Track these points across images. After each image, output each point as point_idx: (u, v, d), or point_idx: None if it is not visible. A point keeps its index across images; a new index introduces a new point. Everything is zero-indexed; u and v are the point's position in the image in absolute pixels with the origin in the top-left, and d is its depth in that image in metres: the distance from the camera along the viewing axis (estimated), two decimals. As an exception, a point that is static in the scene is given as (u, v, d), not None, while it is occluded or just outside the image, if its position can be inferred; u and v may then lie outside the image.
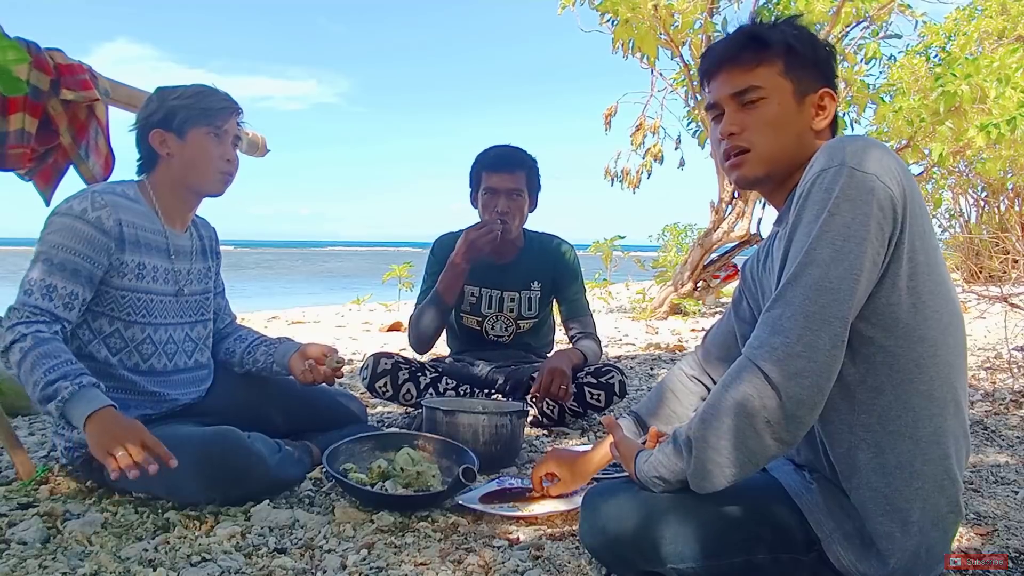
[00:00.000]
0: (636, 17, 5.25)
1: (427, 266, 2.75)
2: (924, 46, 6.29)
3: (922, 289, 1.08)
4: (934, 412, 1.10)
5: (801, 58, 1.22)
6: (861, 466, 1.13)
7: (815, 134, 1.23)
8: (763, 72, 1.22)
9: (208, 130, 1.83)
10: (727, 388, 1.09)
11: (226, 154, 1.87)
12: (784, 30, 1.24)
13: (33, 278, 1.67)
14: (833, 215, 1.04)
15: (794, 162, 1.22)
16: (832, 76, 1.26)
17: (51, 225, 1.71)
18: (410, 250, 49.32)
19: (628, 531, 1.22)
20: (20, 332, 1.61)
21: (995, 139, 4.40)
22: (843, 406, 1.12)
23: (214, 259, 2.07)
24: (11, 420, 2.20)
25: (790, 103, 1.21)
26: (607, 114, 6.88)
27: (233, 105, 1.89)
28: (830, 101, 1.24)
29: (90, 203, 1.70)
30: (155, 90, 1.89)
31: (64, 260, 1.67)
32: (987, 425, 2.59)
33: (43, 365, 1.56)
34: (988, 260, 4.80)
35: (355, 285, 12.78)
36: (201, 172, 1.85)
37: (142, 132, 1.85)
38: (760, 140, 1.22)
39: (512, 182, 2.53)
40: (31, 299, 1.65)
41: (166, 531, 1.59)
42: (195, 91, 1.85)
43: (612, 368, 2.56)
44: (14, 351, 1.60)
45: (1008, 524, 1.66)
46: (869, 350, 1.09)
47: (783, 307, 1.06)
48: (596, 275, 8.49)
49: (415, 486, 1.79)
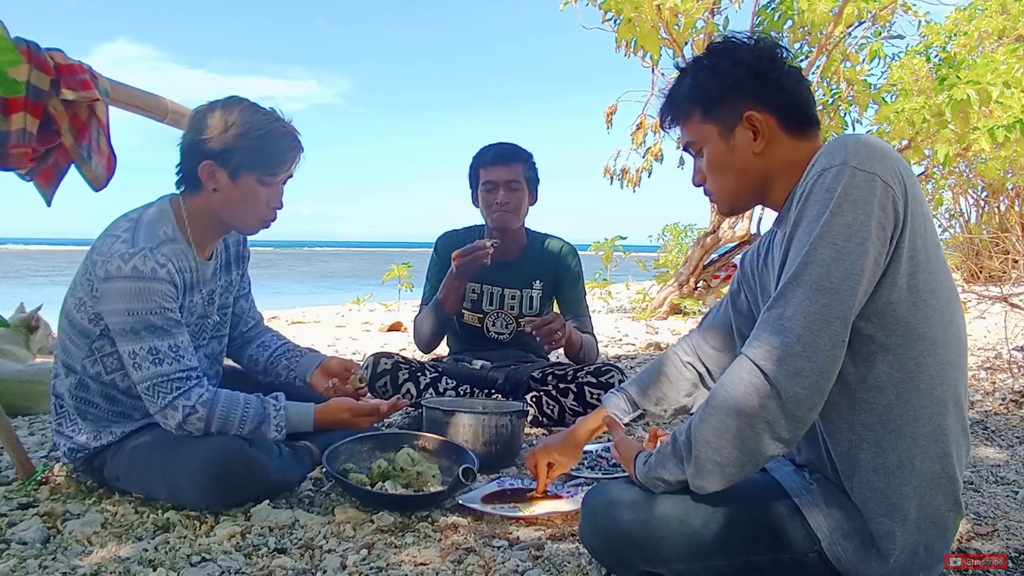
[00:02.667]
0: (639, 16, 5.25)
1: (430, 264, 2.77)
2: (925, 46, 6.29)
3: (922, 287, 1.08)
4: (934, 411, 1.10)
5: (712, 97, 1.24)
6: (862, 465, 1.13)
7: (763, 156, 1.22)
8: (690, 126, 1.28)
9: (263, 178, 1.74)
10: (726, 387, 1.08)
11: (273, 201, 1.80)
12: (693, 76, 1.27)
13: (155, 346, 1.64)
14: (835, 215, 1.04)
15: (762, 185, 1.24)
16: (755, 88, 1.21)
17: (127, 293, 1.63)
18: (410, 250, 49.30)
19: (628, 531, 1.21)
20: (185, 405, 1.65)
21: (1000, 142, 4.40)
22: (843, 405, 1.12)
23: (240, 265, 2.03)
24: (11, 420, 2.20)
25: (720, 145, 1.24)
26: (608, 112, 6.88)
27: (297, 150, 1.79)
28: (759, 119, 1.21)
29: (155, 262, 1.64)
30: (216, 108, 1.73)
31: (166, 320, 1.66)
32: (987, 425, 2.59)
33: (234, 419, 1.70)
34: (988, 260, 4.80)
35: (355, 285, 12.78)
36: (242, 215, 1.79)
37: (192, 155, 1.73)
38: (714, 185, 1.28)
39: (509, 174, 2.56)
40: (166, 368, 1.65)
41: (166, 531, 1.59)
42: (261, 132, 1.72)
43: (612, 367, 2.56)
44: (192, 422, 1.66)
45: (1008, 524, 1.66)
46: (869, 349, 1.09)
47: (783, 306, 1.06)
48: (596, 275, 8.48)
49: (415, 486, 1.79)
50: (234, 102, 1.74)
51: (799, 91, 1.23)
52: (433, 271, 2.74)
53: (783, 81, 1.22)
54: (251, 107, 1.74)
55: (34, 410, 2.72)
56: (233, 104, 1.73)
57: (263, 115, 1.74)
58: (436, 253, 2.76)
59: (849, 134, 1.14)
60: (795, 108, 1.22)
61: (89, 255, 1.72)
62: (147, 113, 2.43)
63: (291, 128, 1.78)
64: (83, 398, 1.76)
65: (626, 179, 7.18)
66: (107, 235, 1.71)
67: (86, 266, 1.72)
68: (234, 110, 1.72)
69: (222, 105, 1.73)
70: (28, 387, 2.75)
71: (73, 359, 1.75)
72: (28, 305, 3.70)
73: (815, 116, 1.25)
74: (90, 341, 1.73)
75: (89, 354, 1.73)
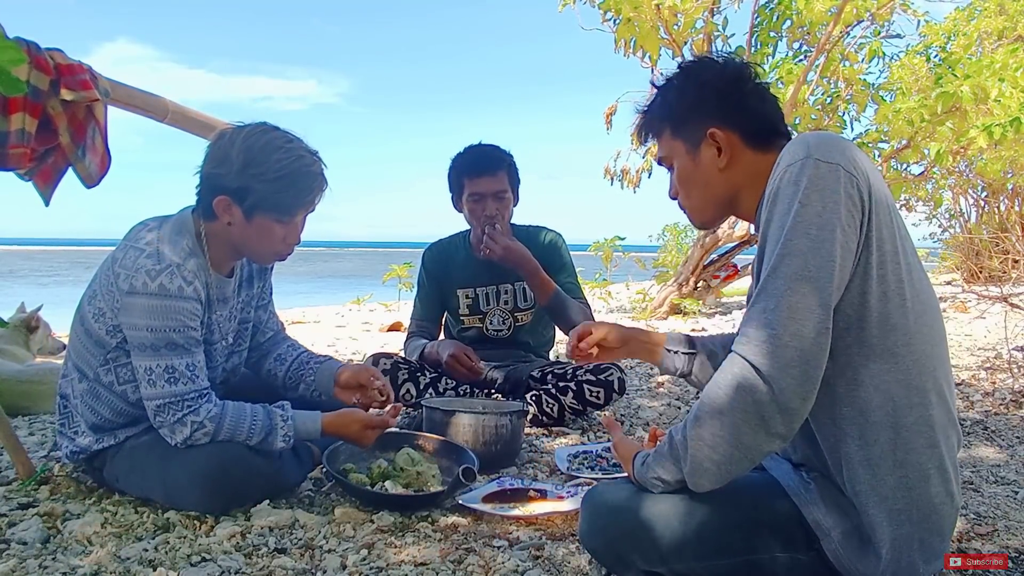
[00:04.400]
0: (639, 16, 5.25)
1: (418, 279, 2.79)
2: (924, 46, 6.29)
3: (891, 277, 1.10)
4: (915, 401, 1.11)
5: (678, 115, 1.29)
6: (848, 458, 1.13)
7: (727, 170, 1.26)
8: (662, 141, 1.34)
9: (280, 218, 1.70)
10: (719, 385, 1.09)
11: (291, 238, 1.75)
12: (664, 94, 1.32)
13: (172, 365, 1.64)
14: (804, 205, 1.06)
15: (729, 198, 1.29)
16: (718, 107, 1.25)
17: (151, 310, 1.61)
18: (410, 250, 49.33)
19: (628, 531, 1.22)
20: (194, 421, 1.64)
21: (997, 140, 4.40)
22: (824, 400, 1.12)
23: (262, 277, 2.00)
24: (11, 420, 2.20)
25: (687, 160, 1.30)
26: (608, 113, 6.88)
27: (318, 190, 1.72)
28: (721, 136, 1.25)
29: (182, 279, 1.63)
30: (238, 140, 1.65)
31: (187, 339, 1.65)
32: (987, 425, 2.59)
33: (241, 431, 1.69)
34: (988, 260, 4.81)
35: (355, 285, 12.78)
36: (255, 251, 1.76)
37: (208, 187, 1.69)
38: (684, 199, 1.35)
39: (496, 184, 2.53)
40: (180, 388, 1.64)
41: (166, 531, 1.59)
42: (281, 174, 1.64)
43: (611, 365, 2.55)
44: (198, 437, 1.66)
45: (1008, 524, 1.66)
46: (845, 341, 1.10)
47: (766, 300, 1.07)
48: (596, 275, 8.47)
49: (415, 486, 1.79)
50: (258, 133, 1.67)
51: (763, 109, 1.28)
52: (423, 289, 2.75)
53: (746, 100, 1.27)
54: (274, 142, 1.66)
55: (34, 410, 2.72)
56: (257, 137, 1.66)
57: (285, 152, 1.66)
58: (424, 268, 2.76)
59: (809, 132, 1.17)
60: (759, 124, 1.27)
61: (111, 266, 1.68)
62: (147, 113, 2.43)
63: (316, 165, 1.71)
64: (92, 405, 1.75)
65: (626, 180, 7.18)
66: (130, 247, 1.67)
67: (108, 277, 1.68)
68: (256, 145, 1.65)
69: (245, 137, 1.66)
70: (28, 387, 2.75)
71: (87, 365, 1.74)
72: (28, 305, 3.71)
73: (782, 129, 1.29)
74: (105, 351, 1.71)
75: (104, 363, 1.72)
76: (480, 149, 2.60)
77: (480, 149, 2.60)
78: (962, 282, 5.91)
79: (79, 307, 1.77)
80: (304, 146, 1.71)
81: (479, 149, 2.60)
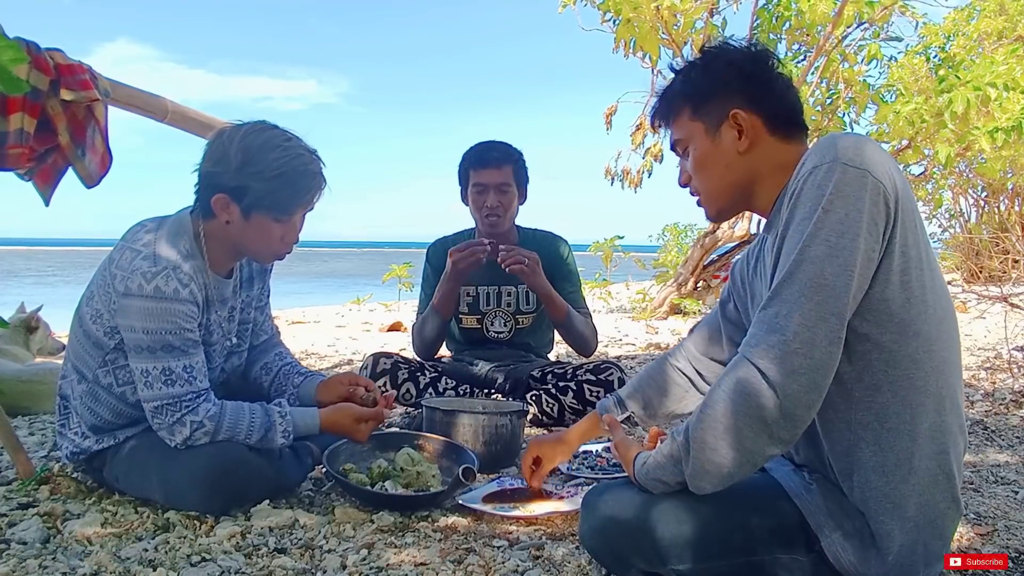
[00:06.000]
0: (638, 16, 5.25)
1: (423, 273, 2.79)
2: (924, 46, 6.29)
3: (915, 284, 1.08)
4: (932, 408, 1.10)
5: (702, 94, 1.26)
6: (861, 464, 1.13)
7: (747, 155, 1.23)
8: (679, 123, 1.29)
9: (278, 216, 1.69)
10: (723, 387, 1.08)
11: (289, 236, 1.74)
12: (686, 74, 1.29)
13: (169, 367, 1.63)
14: (827, 212, 1.04)
15: (746, 186, 1.26)
16: (743, 87, 1.23)
17: (147, 312, 1.61)
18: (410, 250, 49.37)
19: (628, 532, 1.21)
20: (193, 421, 1.64)
21: (1000, 144, 4.40)
22: (841, 404, 1.12)
23: (262, 278, 1.99)
24: (11, 420, 2.20)
25: (706, 142, 1.26)
26: (608, 113, 6.88)
27: (316, 189, 1.72)
28: (744, 117, 1.22)
29: (178, 282, 1.62)
30: (236, 138, 1.65)
31: (184, 341, 1.64)
32: (987, 425, 2.59)
33: (240, 430, 1.69)
34: (988, 260, 4.81)
35: (355, 285, 12.78)
36: (253, 249, 1.76)
37: (207, 186, 1.68)
38: (700, 184, 1.30)
39: (500, 176, 2.56)
40: (177, 389, 1.64)
41: (166, 531, 1.59)
42: (279, 172, 1.64)
43: (611, 365, 2.56)
44: (198, 437, 1.66)
45: (1008, 524, 1.66)
46: (865, 347, 1.09)
47: (779, 305, 1.06)
48: (596, 275, 8.48)
49: (415, 486, 1.79)
50: (257, 132, 1.67)
51: (787, 95, 1.25)
52: (427, 280, 2.75)
53: (772, 84, 1.25)
54: (272, 141, 1.66)
55: (34, 410, 2.72)
56: (255, 135, 1.66)
57: (283, 151, 1.65)
58: (428, 262, 2.77)
59: (839, 132, 1.15)
60: (782, 110, 1.24)
61: (107, 267, 1.68)
62: (147, 113, 2.43)
63: (314, 164, 1.70)
64: (91, 406, 1.75)
65: (627, 180, 7.18)
66: (126, 248, 1.67)
67: (104, 278, 1.68)
68: (254, 143, 1.64)
69: (243, 135, 1.66)
70: (28, 387, 2.75)
71: (86, 366, 1.73)
72: (28, 305, 3.71)
73: (803, 122, 1.27)
74: (104, 353, 1.71)
75: (102, 364, 1.72)
76: (489, 143, 2.64)
77: (489, 143, 2.64)
78: (962, 282, 5.91)
79: (78, 308, 1.77)
80: (302, 144, 1.71)
81: (488, 143, 2.64)
